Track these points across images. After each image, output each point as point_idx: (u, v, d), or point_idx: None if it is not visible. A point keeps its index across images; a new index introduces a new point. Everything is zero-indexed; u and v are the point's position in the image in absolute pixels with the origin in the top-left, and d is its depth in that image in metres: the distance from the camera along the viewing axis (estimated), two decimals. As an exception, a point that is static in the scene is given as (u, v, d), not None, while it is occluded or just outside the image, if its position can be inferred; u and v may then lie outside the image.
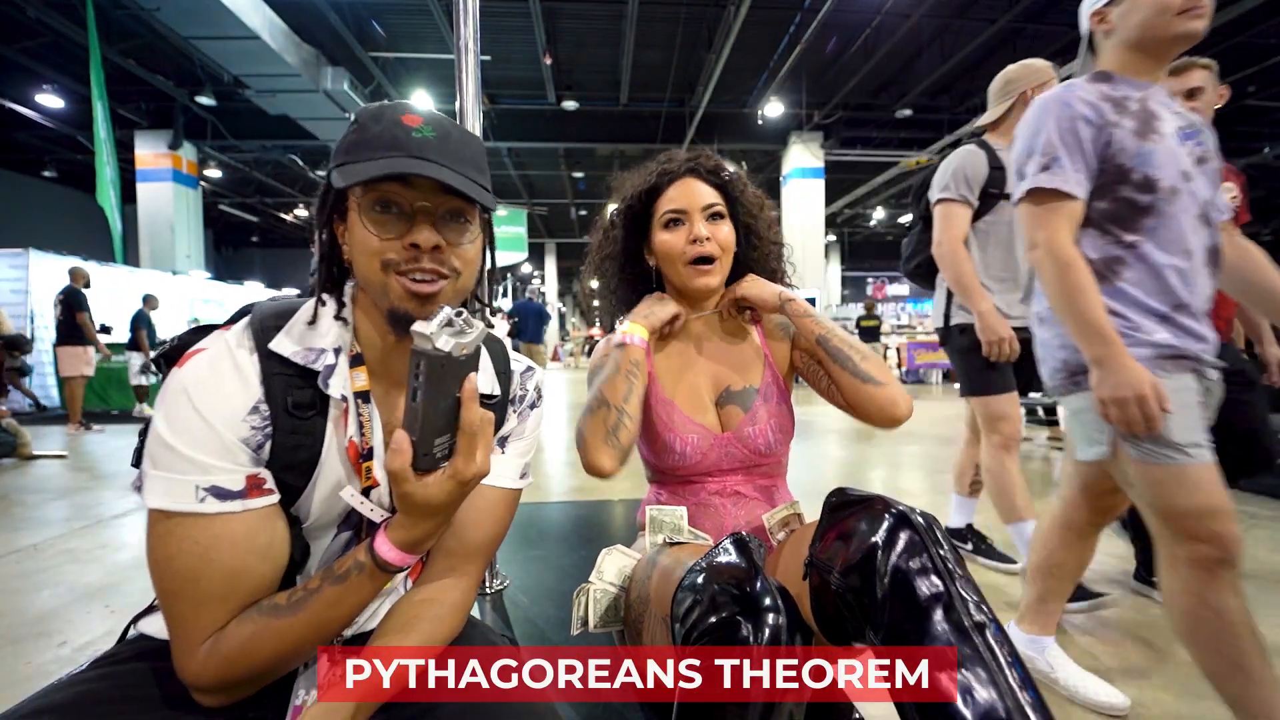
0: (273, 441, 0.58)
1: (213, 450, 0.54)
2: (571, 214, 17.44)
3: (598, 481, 2.99)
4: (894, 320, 14.55)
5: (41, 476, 3.74)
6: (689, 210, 0.99)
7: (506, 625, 1.19)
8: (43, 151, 11.77)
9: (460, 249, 0.61)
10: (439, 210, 0.60)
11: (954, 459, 2.36)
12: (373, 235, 0.58)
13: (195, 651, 0.53)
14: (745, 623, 0.58)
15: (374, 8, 7.49)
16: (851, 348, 0.92)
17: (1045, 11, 7.64)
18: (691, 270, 0.99)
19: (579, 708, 0.88)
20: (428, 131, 0.59)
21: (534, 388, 0.78)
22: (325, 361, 0.61)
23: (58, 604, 1.89)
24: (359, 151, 0.58)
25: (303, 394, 0.60)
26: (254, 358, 0.59)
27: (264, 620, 0.55)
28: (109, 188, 7.13)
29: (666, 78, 9.25)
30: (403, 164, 0.56)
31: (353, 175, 0.56)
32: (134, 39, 7.53)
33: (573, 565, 1.46)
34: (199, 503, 0.53)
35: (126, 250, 8.30)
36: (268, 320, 0.61)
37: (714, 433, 0.99)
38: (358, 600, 0.57)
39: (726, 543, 0.69)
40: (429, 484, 0.53)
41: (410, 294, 0.58)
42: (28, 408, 6.76)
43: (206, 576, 0.53)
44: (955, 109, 10.19)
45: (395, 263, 0.58)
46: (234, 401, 0.56)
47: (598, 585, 0.90)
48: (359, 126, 0.60)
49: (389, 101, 0.62)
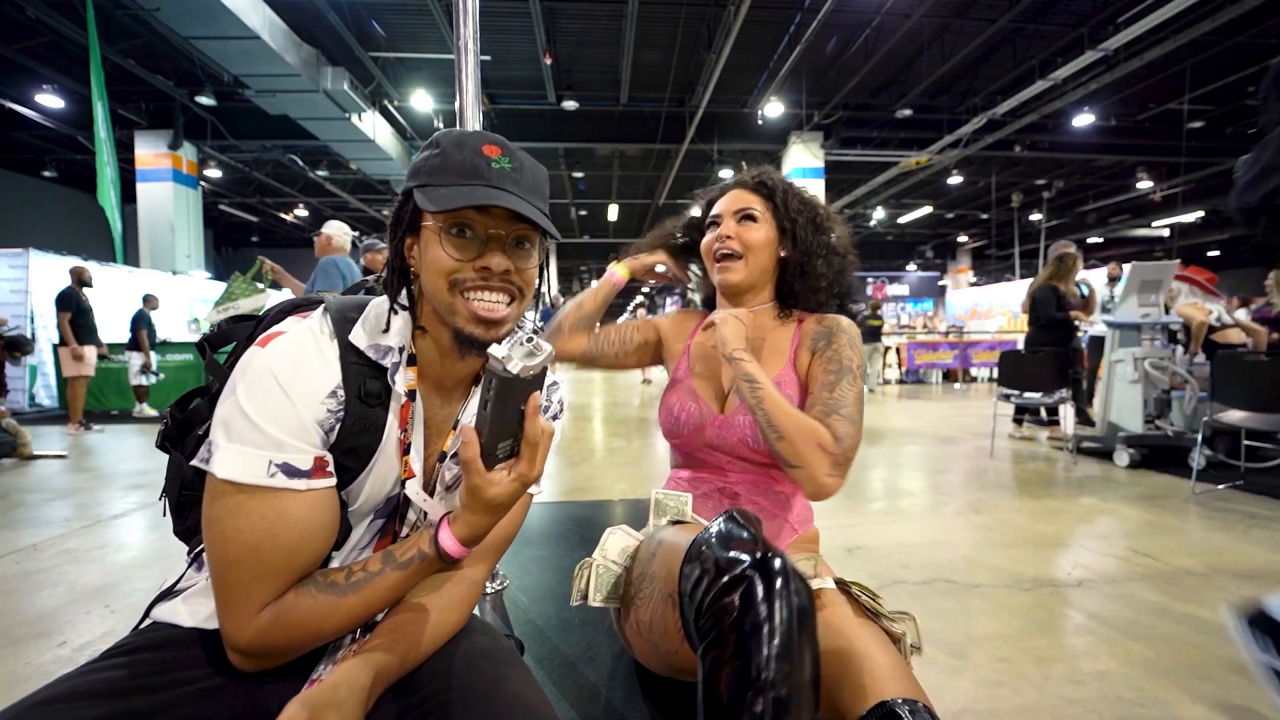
0: (342, 426, 0.62)
1: (290, 428, 0.58)
2: (571, 214, 17.42)
3: (598, 481, 2.99)
4: (894, 320, 14.55)
5: (41, 476, 3.74)
6: (723, 214, 1.07)
7: (507, 625, 1.19)
8: (43, 151, 11.76)
9: (524, 272, 0.66)
10: (509, 237, 0.65)
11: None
12: (449, 257, 0.62)
13: (251, 619, 0.56)
14: (759, 581, 0.58)
15: (374, 8, 7.49)
16: (772, 427, 0.88)
17: (1045, 11, 7.63)
18: (716, 266, 1.06)
19: (578, 707, 0.88)
20: (505, 163, 0.64)
21: (557, 401, 0.81)
22: (392, 359, 0.65)
23: (58, 604, 1.89)
24: (442, 175, 0.63)
25: (374, 384, 0.64)
26: (334, 344, 0.63)
27: (325, 596, 0.58)
28: (109, 188, 7.12)
29: (666, 78, 9.24)
30: (484, 194, 0.61)
31: (441, 201, 0.60)
32: (134, 39, 7.53)
33: (573, 565, 1.46)
34: (269, 477, 0.56)
35: (127, 250, 8.29)
36: (346, 312, 0.66)
37: (712, 411, 1.02)
38: (409, 586, 0.63)
39: (725, 518, 0.69)
40: (496, 482, 0.59)
41: (477, 319, 0.63)
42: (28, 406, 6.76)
43: (269, 549, 0.56)
44: (955, 109, 10.18)
45: (463, 282, 0.63)
46: (317, 383, 0.60)
47: (600, 561, 0.91)
48: (442, 151, 0.64)
49: (471, 130, 0.70)
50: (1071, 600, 1.86)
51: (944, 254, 22.30)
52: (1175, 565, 2.14)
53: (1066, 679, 1.44)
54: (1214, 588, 1.94)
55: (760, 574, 0.58)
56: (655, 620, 0.77)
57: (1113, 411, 3.96)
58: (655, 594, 0.77)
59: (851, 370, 0.95)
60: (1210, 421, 3.23)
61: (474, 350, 0.65)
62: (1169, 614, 1.77)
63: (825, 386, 0.94)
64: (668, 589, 0.74)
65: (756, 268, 1.05)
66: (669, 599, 0.73)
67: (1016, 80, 8.82)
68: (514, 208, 0.61)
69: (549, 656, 1.03)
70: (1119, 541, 2.38)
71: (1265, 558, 2.20)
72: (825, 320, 1.05)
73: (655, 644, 0.79)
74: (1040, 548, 2.33)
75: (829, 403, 0.91)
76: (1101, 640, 1.61)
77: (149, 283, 8.31)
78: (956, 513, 2.82)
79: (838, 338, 1.00)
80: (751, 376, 0.91)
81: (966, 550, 2.31)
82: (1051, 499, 3.06)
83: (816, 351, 1.00)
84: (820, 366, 0.97)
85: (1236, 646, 1.15)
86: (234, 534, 0.56)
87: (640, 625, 0.81)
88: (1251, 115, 10.46)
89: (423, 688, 0.61)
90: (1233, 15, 6.51)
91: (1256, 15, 6.76)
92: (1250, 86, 9.31)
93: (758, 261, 1.05)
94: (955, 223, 18.80)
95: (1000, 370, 4.35)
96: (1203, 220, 15.75)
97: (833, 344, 0.99)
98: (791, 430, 0.86)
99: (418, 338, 0.69)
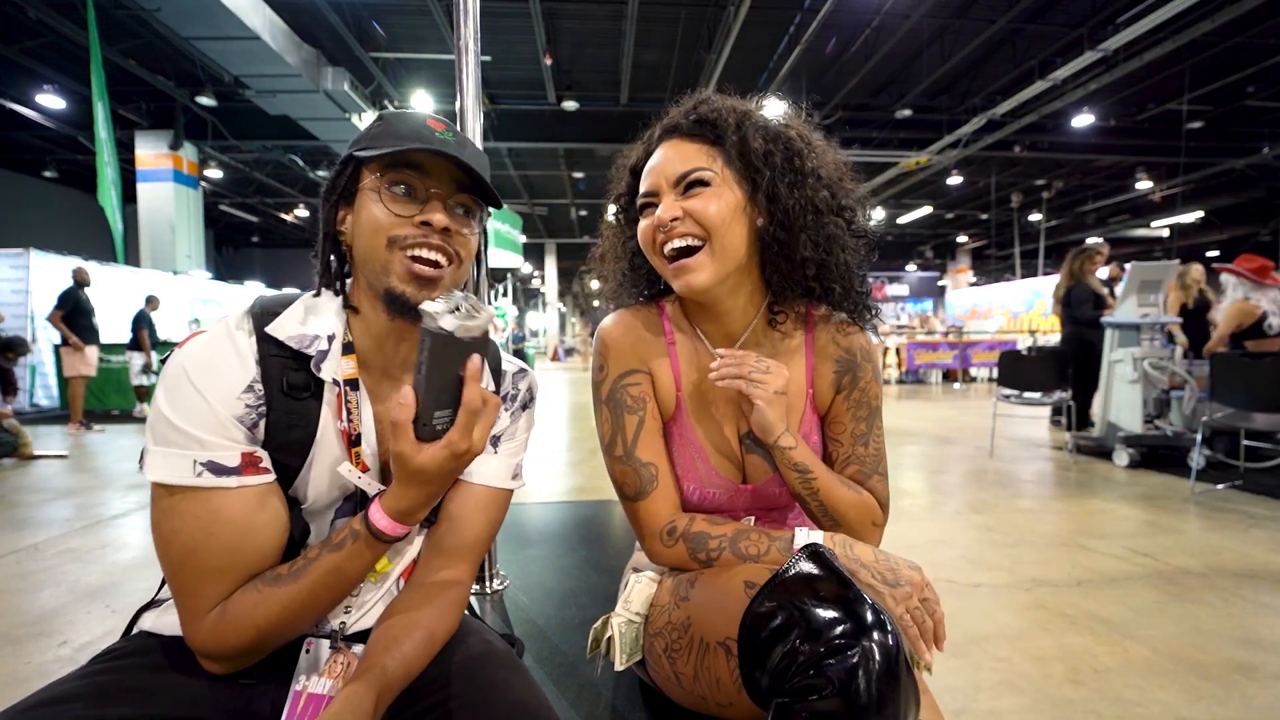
0: (267, 420, 0.60)
1: (209, 426, 0.56)
2: (571, 214, 17.43)
3: (598, 481, 2.99)
4: (894, 320, 14.55)
5: (42, 476, 3.74)
6: (659, 186, 0.76)
7: (507, 625, 1.19)
8: (43, 152, 11.76)
9: (464, 237, 0.65)
10: (449, 200, 0.64)
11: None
12: (389, 212, 0.61)
13: (202, 620, 0.57)
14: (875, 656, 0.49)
15: (374, 8, 7.49)
16: (828, 515, 0.77)
17: (1045, 11, 7.63)
18: (668, 268, 0.76)
19: (579, 708, 0.88)
20: (449, 135, 0.65)
21: (526, 388, 0.78)
22: (319, 347, 0.63)
23: (58, 604, 1.89)
24: (384, 139, 0.63)
25: (298, 376, 0.62)
26: (251, 339, 0.61)
27: (266, 589, 0.58)
28: (110, 188, 7.13)
29: (666, 78, 9.25)
30: (431, 146, 0.61)
31: (381, 147, 0.61)
32: (134, 39, 7.52)
33: (573, 565, 1.46)
34: (196, 477, 0.55)
35: (127, 250, 8.29)
36: (268, 306, 0.64)
37: (734, 483, 0.83)
38: (354, 568, 0.60)
39: (809, 556, 0.59)
40: (423, 450, 0.55)
41: (411, 275, 0.61)
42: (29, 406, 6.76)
43: (207, 549, 0.56)
44: (955, 109, 10.18)
45: (402, 239, 0.61)
46: (230, 379, 0.59)
47: (624, 617, 0.78)
48: (384, 121, 0.65)
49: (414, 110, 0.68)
50: (1071, 600, 1.86)
51: (944, 254, 22.30)
52: (1175, 565, 2.14)
53: (1066, 679, 1.44)
54: (1214, 588, 1.95)
55: (875, 644, 0.50)
56: (702, 674, 0.66)
57: (1112, 411, 3.96)
58: (697, 643, 0.67)
59: (879, 411, 0.84)
60: (1210, 421, 3.23)
61: (405, 315, 0.63)
62: (1169, 614, 1.77)
63: (859, 439, 0.82)
64: (715, 638, 0.64)
65: (728, 256, 0.75)
66: (719, 649, 0.63)
67: (1016, 80, 8.82)
68: (458, 156, 0.62)
69: (549, 656, 1.04)
70: (1118, 541, 2.38)
71: (1265, 558, 2.20)
72: (842, 338, 0.83)
73: (702, 696, 0.68)
74: (1040, 548, 2.33)
75: (865, 460, 0.81)
76: (1101, 640, 1.61)
77: (150, 283, 8.31)
78: (956, 513, 2.83)
79: (863, 371, 0.82)
80: (804, 467, 0.75)
81: (966, 550, 2.31)
82: (1051, 499, 3.06)
83: (841, 390, 0.83)
84: (849, 412, 0.82)
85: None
86: (172, 536, 0.56)
87: (682, 678, 0.70)
88: (1251, 115, 10.47)
89: (422, 697, 0.60)
90: (1233, 15, 6.51)
91: (1256, 15, 6.76)
92: (1250, 87, 9.32)
93: (727, 246, 0.74)
94: (955, 223, 18.80)
95: (1000, 370, 4.35)
96: (1202, 220, 15.76)
97: (859, 381, 0.82)
98: (849, 514, 0.77)
99: (353, 323, 0.67)
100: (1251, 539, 2.40)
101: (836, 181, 0.80)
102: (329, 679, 0.64)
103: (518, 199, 15.52)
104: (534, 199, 16.07)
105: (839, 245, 0.78)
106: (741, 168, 0.75)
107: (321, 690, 0.63)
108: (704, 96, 0.81)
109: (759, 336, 0.83)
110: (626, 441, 0.80)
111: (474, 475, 0.71)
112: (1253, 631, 1.65)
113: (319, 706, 0.62)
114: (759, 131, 0.76)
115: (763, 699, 0.55)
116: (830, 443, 0.85)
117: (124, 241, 7.84)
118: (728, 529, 0.75)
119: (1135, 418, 3.78)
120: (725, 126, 0.76)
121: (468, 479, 0.71)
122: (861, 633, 0.50)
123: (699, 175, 0.74)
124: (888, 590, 0.68)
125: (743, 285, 0.80)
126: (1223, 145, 11.28)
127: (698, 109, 0.78)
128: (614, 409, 0.81)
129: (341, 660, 0.65)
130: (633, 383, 0.82)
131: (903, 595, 0.67)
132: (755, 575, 0.65)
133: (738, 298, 0.80)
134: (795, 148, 0.77)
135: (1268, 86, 9.32)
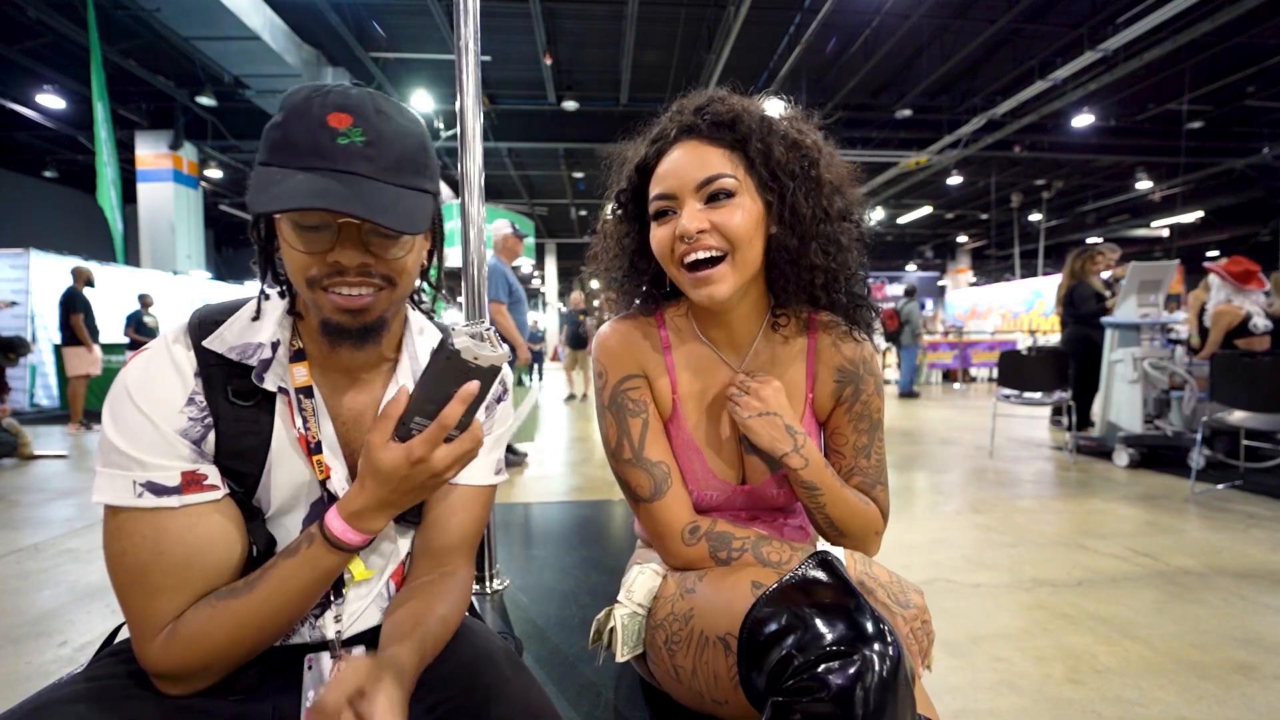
0: (217, 431, 0.59)
1: (149, 445, 0.55)
2: (571, 214, 17.43)
3: (598, 481, 2.99)
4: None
5: (42, 476, 3.74)
6: (679, 191, 0.73)
7: (507, 625, 1.19)
8: (43, 152, 11.75)
9: (389, 262, 0.59)
10: (365, 227, 0.57)
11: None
12: (297, 252, 0.57)
13: (153, 639, 0.55)
14: (874, 664, 0.49)
15: (374, 8, 7.48)
16: (834, 527, 0.78)
17: (1045, 12, 7.63)
18: (687, 277, 0.73)
19: (579, 707, 0.88)
20: (356, 136, 0.54)
21: (498, 383, 0.76)
22: (261, 355, 0.60)
23: (58, 604, 1.89)
24: (281, 153, 0.55)
25: (243, 383, 0.60)
26: (190, 352, 0.60)
27: (220, 603, 0.56)
28: (109, 188, 7.13)
29: (666, 78, 9.24)
30: (316, 191, 0.52)
31: (261, 201, 0.52)
32: (134, 39, 7.52)
33: (573, 565, 1.46)
34: (138, 498, 0.54)
35: (127, 250, 8.30)
36: (207, 318, 0.62)
37: (731, 485, 0.83)
38: (312, 575, 0.58)
39: (817, 563, 0.59)
40: (388, 446, 0.55)
41: (339, 308, 0.58)
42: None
43: (157, 569, 0.55)
44: (955, 109, 10.18)
45: (319, 279, 0.57)
46: (170, 394, 0.57)
47: (627, 609, 0.78)
48: (283, 121, 0.55)
49: (321, 90, 0.56)
50: (1071, 600, 1.86)
51: (943, 254, 22.30)
52: (1175, 565, 2.14)
53: (1066, 679, 1.44)
54: (1214, 588, 1.95)
55: (875, 654, 0.50)
56: (700, 668, 0.67)
57: (1112, 411, 3.96)
58: (696, 636, 0.67)
59: (881, 423, 0.84)
60: (1210, 421, 3.23)
61: (346, 341, 0.60)
62: (1169, 614, 1.77)
63: (861, 452, 0.82)
64: (716, 632, 0.64)
65: (748, 267, 0.74)
66: (718, 644, 0.64)
67: (1016, 80, 8.82)
68: (351, 212, 0.52)
69: (549, 656, 1.03)
70: (1118, 541, 2.38)
71: (1265, 558, 2.20)
72: (844, 345, 0.82)
73: (699, 692, 0.68)
74: (1040, 547, 2.33)
75: (868, 472, 0.82)
76: (1101, 640, 1.61)
77: (150, 283, 8.31)
78: (956, 512, 2.83)
79: (865, 383, 0.82)
80: (812, 485, 0.76)
81: (966, 550, 2.31)
82: (1051, 499, 3.06)
83: (843, 402, 0.83)
84: (850, 425, 0.82)
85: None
86: (120, 557, 0.55)
87: (680, 672, 0.70)
88: (1251, 115, 10.47)
89: (423, 697, 0.60)
90: (1233, 15, 6.51)
91: (1256, 15, 6.76)
92: (1250, 87, 9.32)
93: (749, 258, 0.73)
94: (955, 223, 18.80)
95: (1000, 370, 4.35)
96: (1202, 220, 15.76)
97: (861, 394, 0.82)
98: (854, 525, 0.78)
99: (302, 327, 0.64)
100: (1251, 539, 2.40)
101: (845, 186, 0.79)
102: None
103: (518, 199, 15.52)
104: (534, 199, 16.07)
105: (846, 251, 0.77)
106: (765, 177, 0.73)
107: None
108: (718, 95, 0.78)
109: (760, 342, 0.83)
110: (634, 444, 0.79)
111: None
112: (1253, 631, 1.66)
113: None
114: (781, 139, 0.74)
115: (758, 700, 0.55)
116: (832, 454, 0.84)
117: (124, 241, 7.84)
118: (750, 533, 0.76)
119: (1135, 418, 3.79)
120: (748, 133, 0.73)
121: None
122: (864, 642, 0.50)
123: (724, 185, 0.71)
124: (899, 610, 0.69)
125: (750, 292, 0.79)
126: (1223, 145, 11.28)
127: (713, 109, 0.75)
128: (617, 413, 0.81)
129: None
130: (632, 386, 0.82)
131: (910, 616, 0.69)
132: (764, 576, 0.65)
133: (744, 304, 0.80)
134: (812, 156, 0.75)
135: (1268, 86, 9.32)
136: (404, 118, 0.59)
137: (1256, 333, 3.75)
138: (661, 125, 0.79)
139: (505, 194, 15.32)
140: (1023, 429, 5.32)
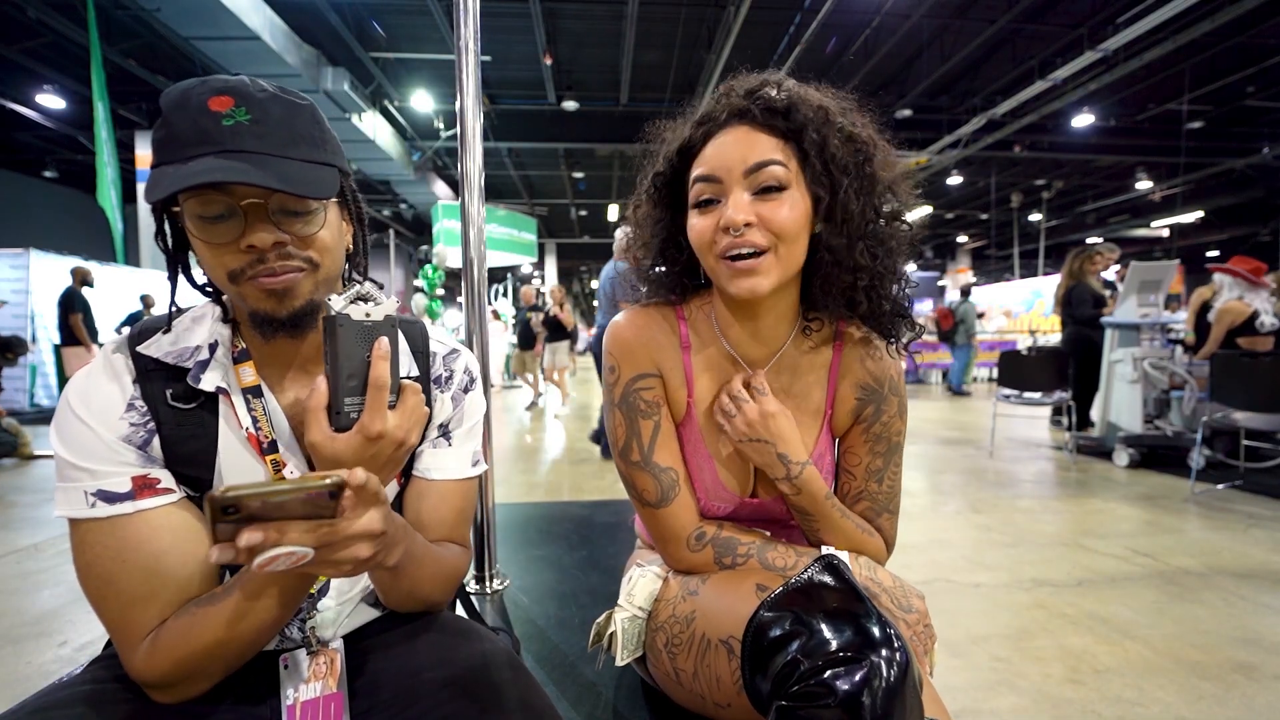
0: (161, 436, 0.59)
1: (95, 454, 0.55)
2: (571, 214, 17.43)
3: (598, 481, 2.98)
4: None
5: (41, 476, 3.74)
6: (726, 178, 0.67)
7: (507, 625, 1.19)
8: (43, 152, 11.76)
9: (307, 240, 0.57)
10: (272, 204, 0.54)
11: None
12: (209, 246, 0.55)
13: (136, 650, 0.54)
14: (882, 670, 0.49)
15: (374, 8, 7.49)
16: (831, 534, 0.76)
17: (1045, 12, 7.64)
18: (726, 268, 0.68)
19: (579, 708, 0.88)
20: (241, 115, 0.53)
21: (462, 370, 0.75)
22: (198, 358, 0.60)
23: (58, 604, 1.89)
24: (168, 150, 0.53)
25: (183, 386, 0.60)
26: (127, 359, 0.60)
27: (199, 610, 0.55)
28: (110, 188, 7.12)
29: (666, 78, 9.24)
30: (207, 169, 0.50)
31: (153, 191, 0.51)
32: (134, 39, 7.52)
33: (573, 565, 1.46)
34: (91, 508, 0.54)
35: (127, 250, 8.29)
36: (146, 325, 0.62)
37: (739, 497, 0.80)
38: (288, 580, 0.56)
39: (824, 566, 0.58)
40: (337, 439, 0.54)
41: (265, 292, 0.56)
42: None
43: (124, 577, 0.54)
44: (955, 109, 10.18)
45: (238, 271, 0.55)
46: (109, 402, 0.57)
47: (628, 612, 0.76)
48: (164, 119, 0.54)
49: (197, 81, 0.55)
50: (1071, 600, 1.86)
51: (943, 254, 22.31)
52: (1174, 565, 2.14)
53: (1066, 679, 1.44)
54: (1213, 588, 1.95)
55: (882, 660, 0.49)
56: (701, 671, 0.66)
57: (1112, 411, 3.96)
58: (698, 639, 0.66)
59: (900, 447, 0.80)
60: (1210, 422, 3.23)
61: (280, 332, 0.59)
62: (1169, 614, 1.77)
63: (873, 475, 0.78)
64: (719, 635, 0.63)
65: (791, 263, 0.69)
66: (721, 647, 0.63)
67: (1016, 80, 8.82)
68: (246, 180, 0.50)
69: (549, 656, 1.03)
70: (1118, 541, 2.39)
71: (1264, 558, 2.20)
72: (871, 363, 0.78)
73: (700, 695, 0.67)
74: (1040, 548, 2.33)
75: (877, 498, 0.78)
76: (1101, 640, 1.61)
77: (150, 283, 8.30)
78: (956, 512, 2.83)
79: (888, 404, 0.78)
80: (805, 510, 0.74)
81: (966, 550, 2.31)
82: (1051, 499, 3.06)
83: (861, 421, 0.79)
84: (866, 445, 0.79)
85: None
86: (87, 569, 0.55)
87: (681, 674, 0.69)
88: (1251, 115, 10.47)
89: (423, 698, 0.60)
90: (1233, 15, 6.51)
91: (1256, 15, 6.76)
92: (1250, 87, 9.32)
93: (793, 254, 0.68)
94: (955, 223, 18.81)
95: (1000, 370, 4.35)
96: (1202, 220, 15.76)
97: (881, 415, 0.78)
98: (848, 537, 0.76)
99: (242, 327, 0.64)
100: (1251, 539, 2.40)
101: (898, 185, 0.73)
102: (316, 681, 0.62)
103: (518, 199, 15.52)
104: (534, 199, 16.07)
105: (895, 254, 0.72)
106: (819, 170, 0.67)
107: (314, 694, 0.62)
108: (772, 78, 0.72)
109: (789, 347, 0.78)
110: (643, 447, 0.77)
111: (432, 471, 0.70)
112: (1253, 631, 1.66)
113: (317, 709, 0.61)
114: (837, 131, 0.68)
115: (763, 704, 0.54)
116: (843, 474, 0.81)
117: (124, 241, 7.84)
118: (757, 538, 0.75)
119: (1135, 418, 3.79)
120: (805, 122, 0.66)
121: (425, 475, 0.70)
122: (872, 648, 0.50)
123: (775, 174, 0.65)
124: (902, 615, 0.69)
125: (786, 291, 0.73)
126: (1223, 145, 11.28)
127: (766, 93, 0.69)
128: (628, 413, 0.77)
129: (324, 660, 0.64)
130: (646, 386, 0.78)
131: (913, 621, 0.69)
132: (768, 580, 0.65)
133: (779, 303, 0.74)
134: (867, 152, 0.69)
135: (1268, 86, 9.32)
136: (290, 95, 0.58)
137: (1262, 331, 3.70)
138: (708, 107, 0.73)
139: (505, 194, 15.32)
140: (1022, 429, 5.32)
